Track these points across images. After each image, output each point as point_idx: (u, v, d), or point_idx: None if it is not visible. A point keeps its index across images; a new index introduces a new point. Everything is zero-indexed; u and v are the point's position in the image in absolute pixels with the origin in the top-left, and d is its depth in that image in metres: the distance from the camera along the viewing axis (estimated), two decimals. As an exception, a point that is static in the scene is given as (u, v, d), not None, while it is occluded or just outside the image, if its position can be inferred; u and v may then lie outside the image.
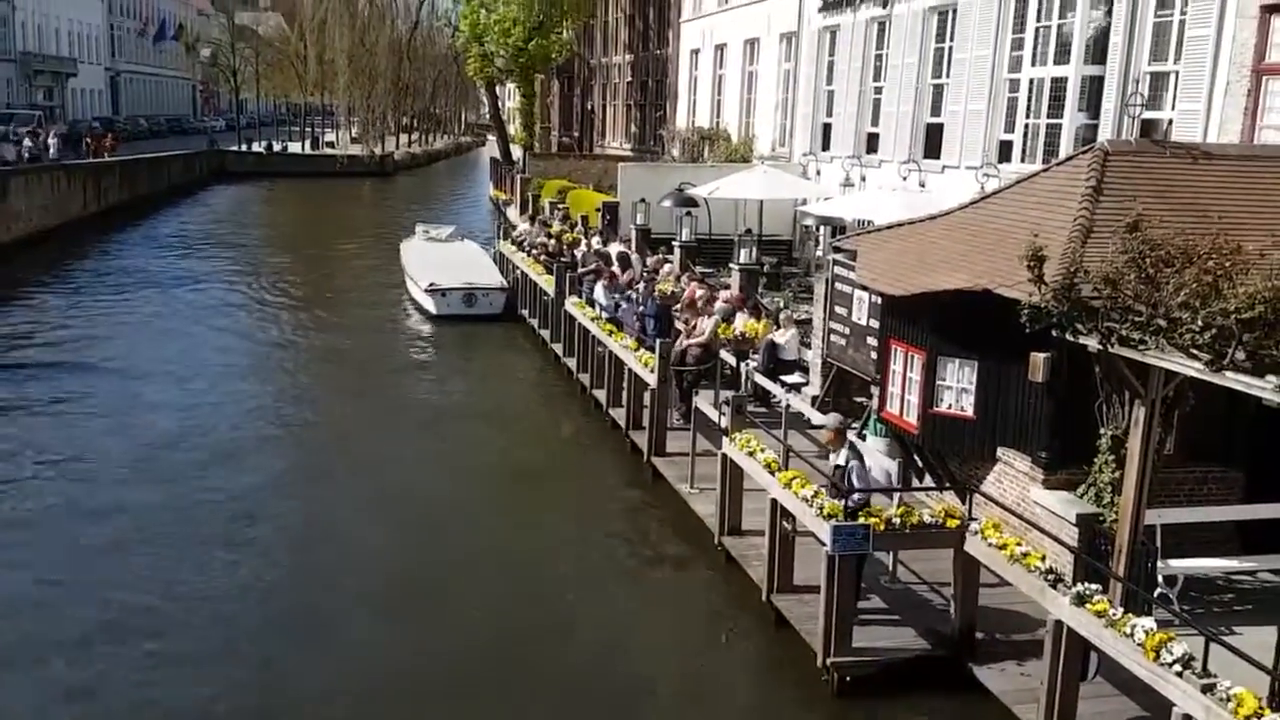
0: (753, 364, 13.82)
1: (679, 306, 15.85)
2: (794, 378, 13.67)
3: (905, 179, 18.49)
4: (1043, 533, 8.44)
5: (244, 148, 63.81)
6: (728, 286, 18.01)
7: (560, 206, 29.31)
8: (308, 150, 69.08)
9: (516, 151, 48.58)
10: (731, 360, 14.03)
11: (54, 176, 34.90)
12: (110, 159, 42.21)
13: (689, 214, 21.27)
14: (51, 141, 39.64)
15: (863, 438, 11.11)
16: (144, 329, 21.69)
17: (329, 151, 68.37)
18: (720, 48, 30.15)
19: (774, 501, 9.27)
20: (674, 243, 21.38)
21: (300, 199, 51.54)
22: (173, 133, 71.23)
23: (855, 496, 8.40)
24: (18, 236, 30.17)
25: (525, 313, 22.30)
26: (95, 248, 32.02)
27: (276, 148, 66.00)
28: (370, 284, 27.90)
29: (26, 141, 37.29)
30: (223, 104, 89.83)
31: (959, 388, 10.04)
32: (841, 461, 8.72)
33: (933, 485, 10.74)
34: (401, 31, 55.01)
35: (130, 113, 73.76)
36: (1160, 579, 8.61)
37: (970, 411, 9.97)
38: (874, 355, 11.43)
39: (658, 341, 13.36)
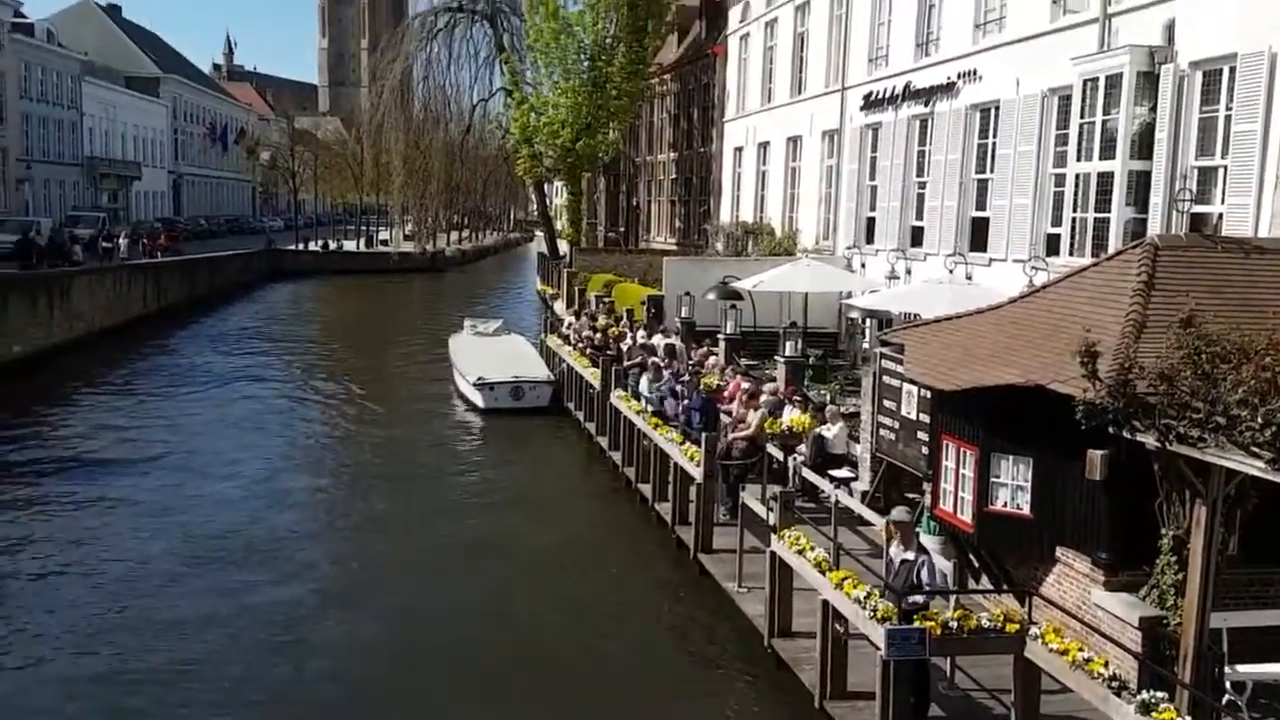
0: (800, 458, 13.66)
1: (724, 400, 15.82)
2: (842, 472, 13.46)
3: (952, 272, 18.45)
4: (1104, 637, 8.14)
5: (301, 247, 65.69)
6: (773, 379, 17.96)
7: (606, 300, 29.68)
8: (362, 248, 70.93)
9: (563, 247, 49.45)
10: (778, 454, 13.88)
11: (116, 276, 36.10)
12: (168, 259, 43.46)
13: (733, 307, 21.38)
14: (122, 242, 41.35)
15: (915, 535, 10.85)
16: (198, 425, 22.06)
17: (383, 249, 70.13)
18: (763, 145, 30.69)
19: (825, 602, 9.05)
20: (719, 336, 21.46)
21: (354, 296, 52.71)
22: (232, 233, 73.61)
23: (912, 598, 8.17)
24: (78, 335, 31.09)
25: (571, 406, 22.39)
26: (154, 346, 32.85)
27: (332, 246, 67.83)
28: (420, 378, 28.26)
29: (103, 243, 39.22)
30: (281, 204, 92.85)
31: (1014, 485, 9.81)
32: (910, 556, 8.50)
33: (990, 587, 10.43)
34: (454, 134, 56.58)
35: (191, 213, 76.48)
36: (1228, 685, 8.22)
37: (1027, 510, 9.72)
38: (925, 450, 11.24)
39: (703, 435, 13.28)
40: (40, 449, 19.41)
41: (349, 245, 70.63)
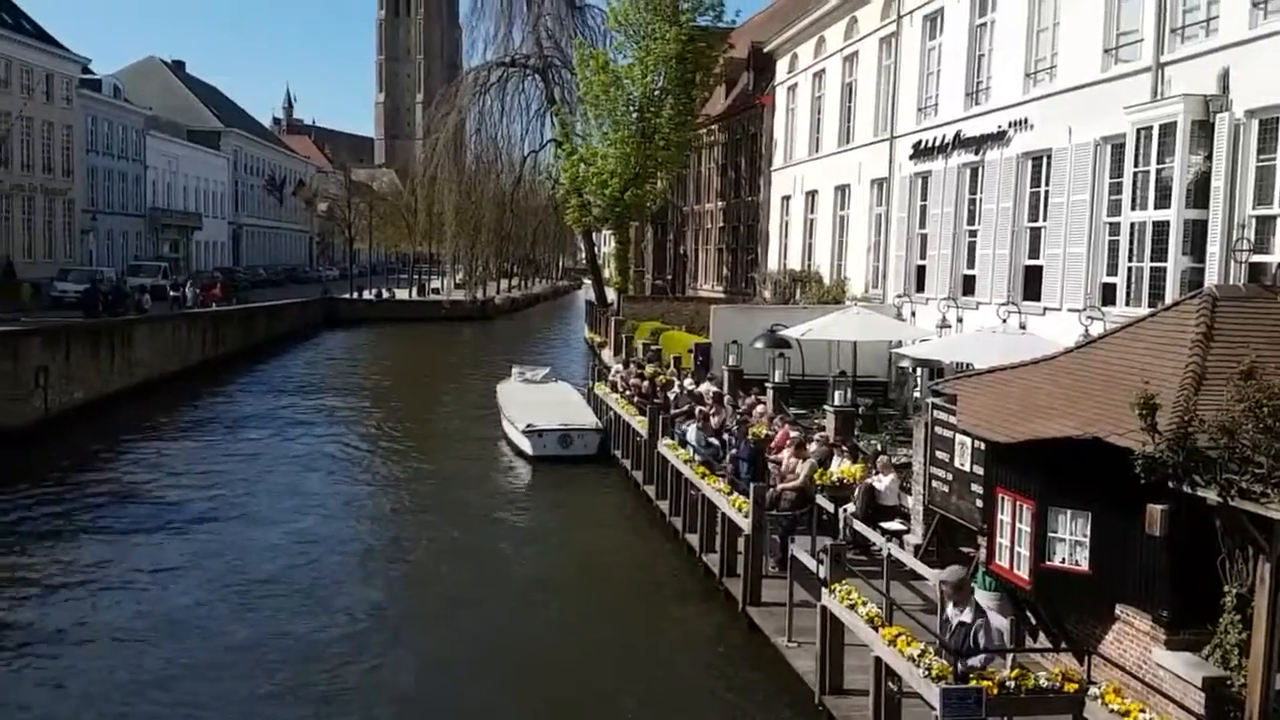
0: (850, 510, 13.48)
1: (772, 449, 15.71)
2: (894, 525, 13.26)
3: (1004, 321, 18.23)
4: (1166, 698, 7.89)
5: (355, 295, 66.93)
6: (822, 429, 17.80)
7: (653, 348, 29.73)
8: (415, 296, 72.06)
9: (611, 295, 49.76)
10: (828, 506, 13.72)
11: (176, 324, 36.98)
12: (223, 308, 44.33)
13: (781, 355, 21.28)
14: (188, 291, 42.53)
15: (970, 591, 10.62)
16: (252, 470, 22.36)
17: (434, 297, 71.17)
18: (811, 193, 30.75)
19: (878, 660, 8.88)
20: (766, 384, 21.36)
21: (406, 343, 53.42)
22: (290, 281, 75.25)
23: (976, 661, 7.96)
24: (139, 381, 31.80)
25: (618, 453, 22.36)
26: (212, 392, 33.49)
27: (385, 295, 69.05)
28: (469, 424, 28.45)
29: (172, 292, 40.47)
30: (337, 254, 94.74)
31: (1072, 540, 9.59)
32: (967, 619, 8.31)
33: (1048, 645, 10.15)
34: (505, 185, 57.55)
35: (250, 262, 78.37)
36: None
37: (1085, 566, 9.48)
38: (980, 503, 11.05)
39: (751, 485, 13.17)
40: (98, 491, 19.78)
41: (401, 293, 71.81)
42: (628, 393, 22.71)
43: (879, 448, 16.56)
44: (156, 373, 33.43)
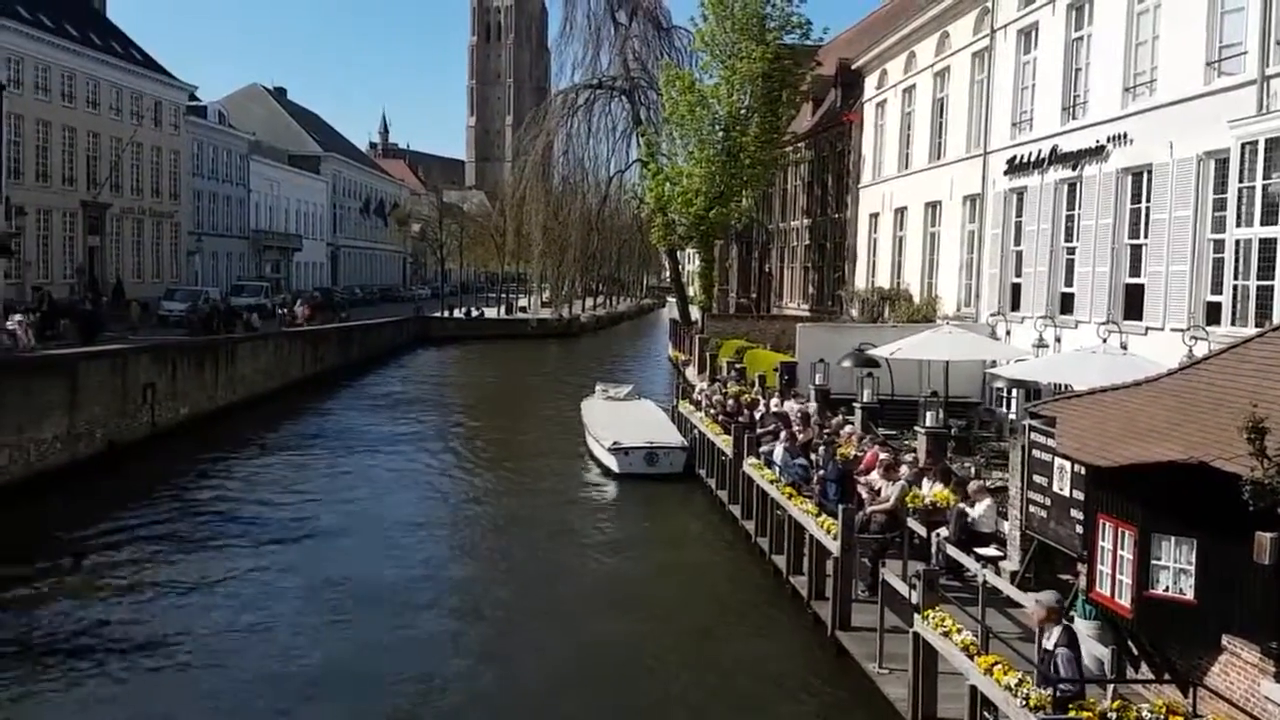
0: (944, 534, 13.21)
1: (860, 470, 15.50)
2: (990, 550, 12.94)
3: (1104, 340, 17.71)
4: (1282, 736, 7.52)
5: (446, 314, 68.35)
6: (913, 450, 17.51)
7: (737, 366, 29.64)
8: (503, 315, 73.24)
9: (695, 313, 49.77)
10: (920, 529, 13.47)
11: (276, 343, 38.19)
12: (323, 327, 45.59)
13: (870, 375, 21.01)
14: (299, 310, 43.93)
15: (1070, 619, 10.32)
16: (345, 484, 22.93)
17: (521, 316, 72.27)
18: (900, 210, 30.37)
19: (973, 688, 8.68)
20: (854, 404, 21.09)
21: (494, 360, 54.27)
22: (384, 300, 77.22)
23: (1065, 686, 7.76)
24: (241, 398, 32.93)
25: (703, 472, 22.32)
26: (309, 408, 34.47)
27: (475, 313, 70.37)
28: (554, 440, 28.74)
29: (280, 310, 41.85)
30: (429, 273, 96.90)
31: (1177, 568, 9.24)
32: (1051, 645, 8.11)
33: (1150, 676, 9.79)
34: (592, 205, 58.13)
35: (347, 282, 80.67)
36: None
37: (1190, 595, 9.13)
38: (1079, 529, 10.73)
39: (840, 507, 13.02)
40: (200, 504, 20.51)
41: (490, 312, 73.04)
42: (712, 411, 22.67)
43: (973, 471, 16.22)
44: (259, 389, 34.55)
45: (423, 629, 13.73)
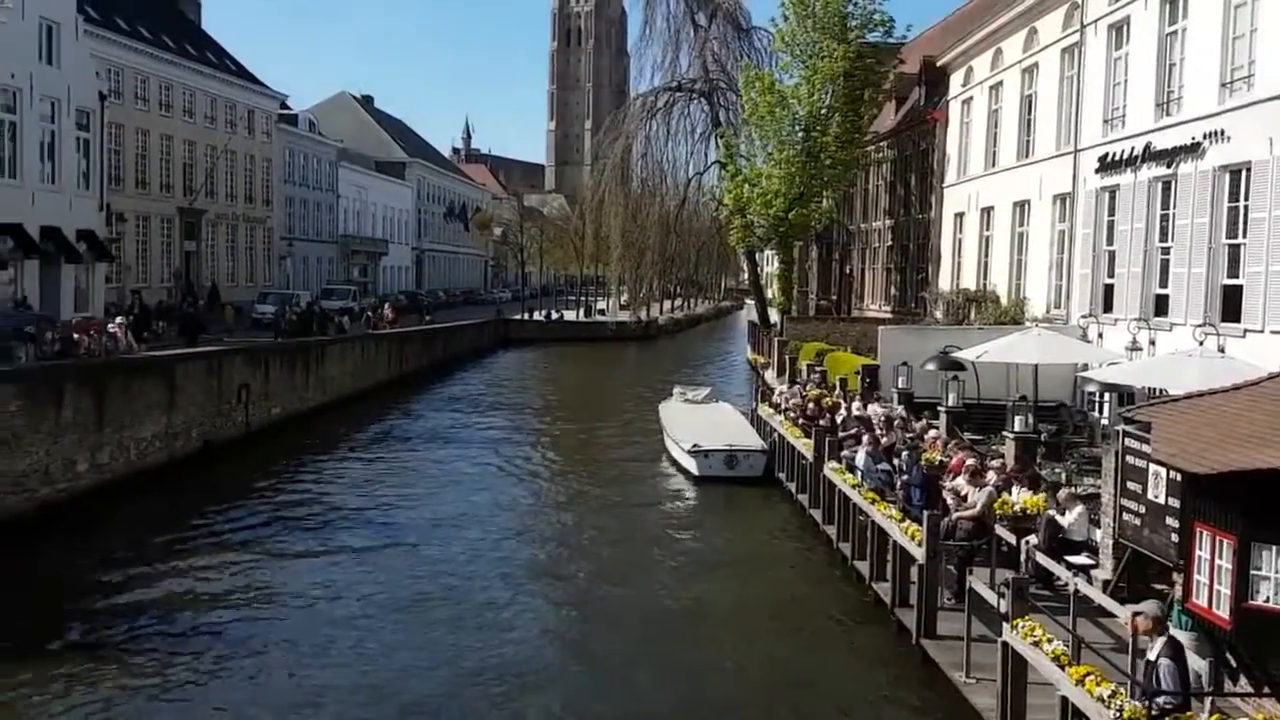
0: (1033, 541, 12.92)
1: (947, 476, 15.24)
2: (1081, 559, 12.62)
3: (1201, 343, 17.13)
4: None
5: (526, 316, 69.16)
6: (1000, 456, 17.15)
7: (818, 369, 29.37)
8: (581, 317, 73.83)
9: (774, 315, 49.47)
10: (1009, 537, 13.19)
11: (364, 345, 39.10)
12: (408, 329, 46.47)
13: (955, 378, 20.63)
14: (387, 313, 45.04)
15: (1165, 627, 10.01)
16: (427, 485, 23.33)
17: (600, 318, 72.76)
18: (987, 210, 29.77)
19: (1064, 699, 8.49)
20: (939, 408, 20.74)
21: (573, 362, 54.75)
22: (466, 303, 78.50)
23: (1163, 699, 7.53)
24: (330, 399, 33.79)
25: (782, 476, 22.19)
26: (395, 409, 35.20)
27: (554, 316, 71.08)
28: (633, 442, 28.86)
29: (369, 314, 43.17)
30: (509, 276, 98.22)
31: (1278, 579, 8.91)
32: (1154, 656, 7.86)
33: (1250, 690, 9.44)
34: (670, 207, 58.25)
35: (431, 285, 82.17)
36: None
37: (1294, 607, 8.80)
38: (1175, 538, 10.40)
39: (925, 513, 12.82)
40: (289, 502, 21.10)
41: (569, 315, 73.67)
42: (792, 414, 22.52)
43: (1063, 477, 15.84)
44: (347, 390, 35.44)
45: (503, 629, 13.90)
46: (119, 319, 26.93)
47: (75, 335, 23.11)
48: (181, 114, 46.99)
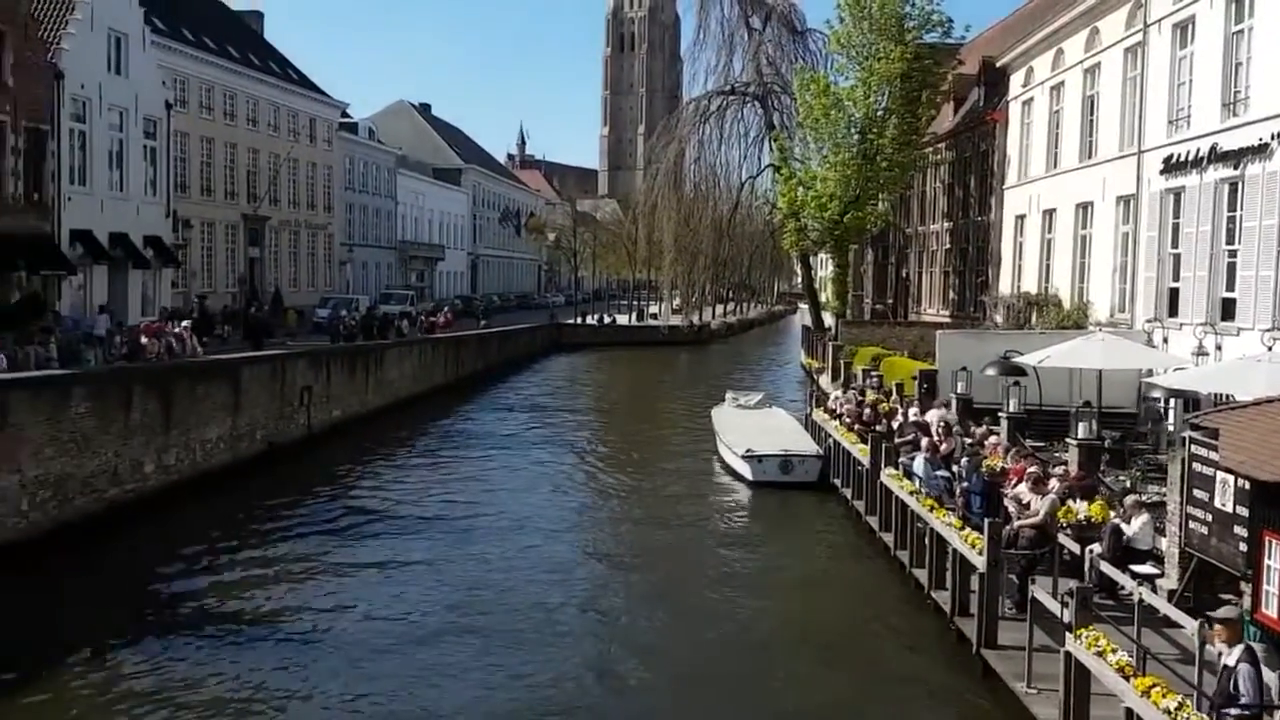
0: (1097, 550, 12.67)
1: (1009, 483, 15.00)
2: (1146, 568, 12.36)
3: (1270, 348, 16.70)
4: None
5: (579, 320, 69.48)
6: (1063, 463, 16.84)
7: (874, 374, 29.09)
8: (634, 322, 73.98)
9: (828, 319, 49.11)
10: (1073, 545, 12.96)
11: (421, 349, 39.60)
12: (464, 334, 46.90)
13: (1016, 384, 20.31)
14: (440, 317, 45.65)
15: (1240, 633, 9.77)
16: (479, 488, 23.45)
17: (652, 323, 72.84)
18: (1048, 212, 29.30)
19: (1129, 711, 8.33)
20: (1000, 414, 20.43)
21: (625, 367, 54.87)
22: (520, 308, 79.16)
23: (1235, 711, 7.34)
24: (388, 402, 34.27)
25: (838, 482, 22.02)
26: (450, 412, 35.57)
27: (607, 320, 71.31)
28: (685, 447, 28.85)
29: (430, 318, 44.13)
30: (562, 281, 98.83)
31: (1356, 592, 8.67)
32: (1232, 662, 7.67)
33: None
34: (723, 211, 58.12)
35: (485, 290, 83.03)
36: None
37: (1372, 621, 8.55)
38: (1243, 547, 10.17)
39: (986, 521, 12.64)
40: (349, 504, 21.40)
41: (622, 319, 73.86)
42: (847, 420, 22.34)
43: (1128, 485, 15.53)
44: (404, 393, 35.90)
45: (557, 632, 13.96)
46: (185, 323, 27.59)
47: (143, 339, 23.72)
48: (245, 122, 48.00)
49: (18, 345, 19.42)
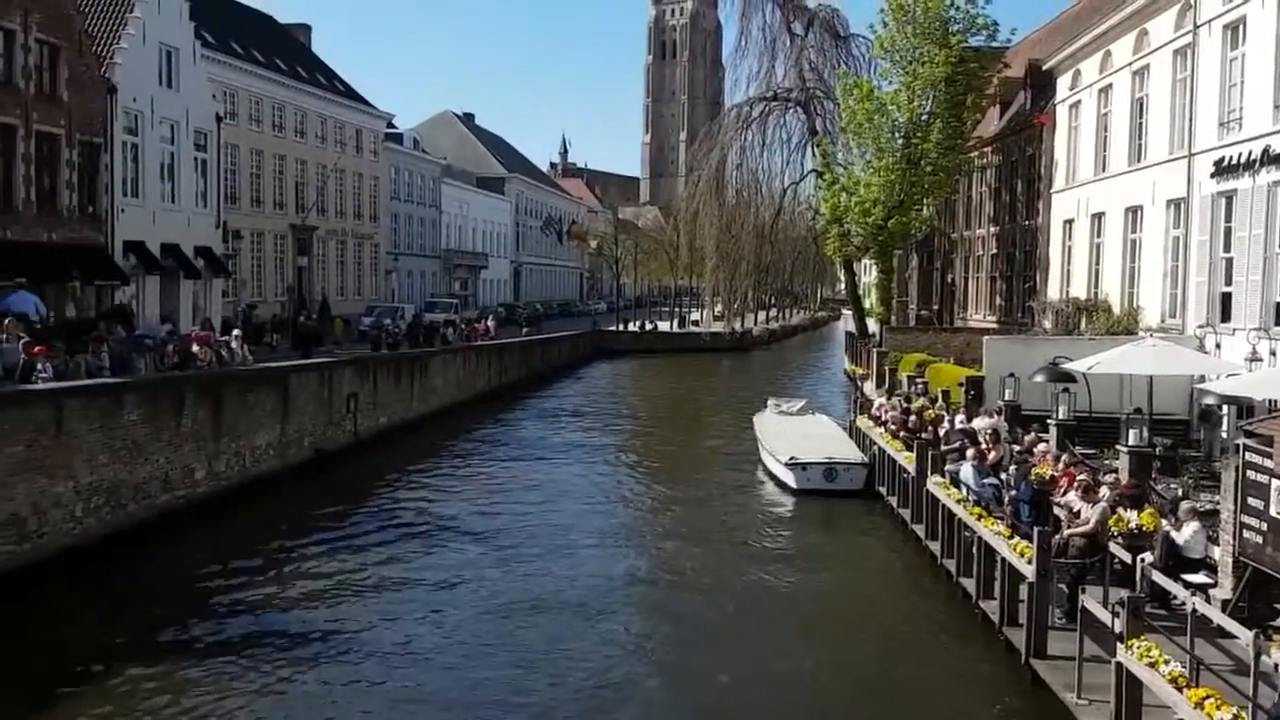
0: (1148, 559, 12.45)
1: (1059, 490, 14.79)
2: (1199, 577, 12.12)
3: (1328, 354, 16.34)
4: None
5: (621, 327, 69.65)
6: (1114, 471, 16.57)
7: (919, 381, 28.82)
8: (675, 329, 74.00)
9: (872, 325, 48.75)
10: (1124, 555, 12.74)
11: (464, 357, 39.90)
12: (508, 340, 47.21)
13: (1066, 390, 20.02)
14: (490, 324, 46.00)
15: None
16: (520, 495, 23.51)
17: (694, 329, 72.80)
18: (1097, 216, 28.87)
19: (1182, 723, 8.18)
20: (1049, 421, 20.15)
21: (667, 373, 54.87)
22: (562, 315, 79.55)
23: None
24: (433, 409, 34.57)
25: (883, 490, 21.84)
26: (493, 419, 35.80)
27: (649, 327, 71.39)
28: (728, 454, 28.78)
29: (475, 325, 44.69)
30: (604, 288, 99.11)
31: None
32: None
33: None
34: (765, 217, 58.01)
35: (528, 298, 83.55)
36: None
37: None
38: (1301, 558, 9.94)
39: (1035, 530, 12.47)
40: (394, 511, 21.60)
41: (663, 326, 73.94)
42: (893, 427, 22.15)
43: (1180, 493, 15.24)
44: (449, 401, 36.19)
45: (598, 643, 13.95)
46: (236, 331, 28.05)
47: (194, 348, 24.17)
48: (294, 134, 48.77)
49: (69, 355, 19.83)
